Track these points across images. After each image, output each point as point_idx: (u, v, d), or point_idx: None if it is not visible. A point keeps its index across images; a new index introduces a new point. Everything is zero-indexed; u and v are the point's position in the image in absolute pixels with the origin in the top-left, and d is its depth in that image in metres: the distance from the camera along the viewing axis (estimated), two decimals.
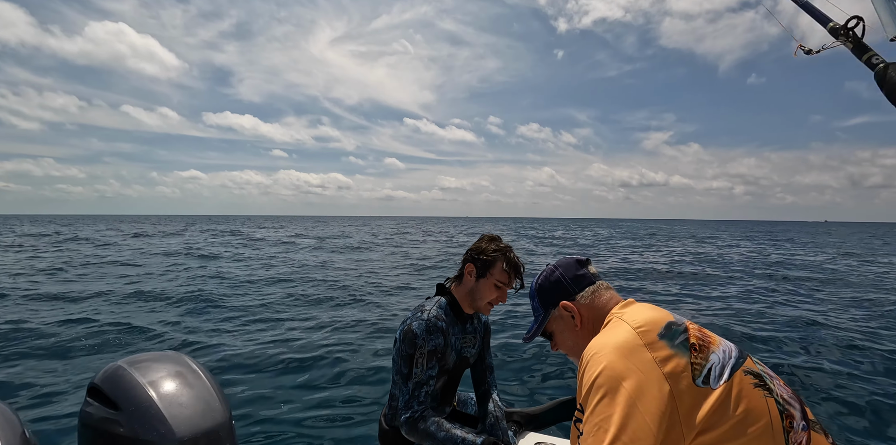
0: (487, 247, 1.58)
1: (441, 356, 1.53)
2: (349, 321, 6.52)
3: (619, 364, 0.82)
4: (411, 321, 1.52)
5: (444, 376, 1.62)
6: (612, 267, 13.87)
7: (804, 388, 4.03)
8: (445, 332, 1.53)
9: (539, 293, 1.14)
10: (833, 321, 6.49)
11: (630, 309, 0.99)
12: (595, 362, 0.85)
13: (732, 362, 0.86)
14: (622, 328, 0.90)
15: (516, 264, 1.58)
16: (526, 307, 6.86)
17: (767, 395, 0.84)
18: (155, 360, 1.10)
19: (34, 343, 5.25)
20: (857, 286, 10.45)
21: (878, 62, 0.92)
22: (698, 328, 0.93)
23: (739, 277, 11.82)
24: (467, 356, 1.70)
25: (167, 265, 13.22)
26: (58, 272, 11.43)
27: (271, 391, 4.02)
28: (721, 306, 7.66)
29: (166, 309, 7.32)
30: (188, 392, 1.04)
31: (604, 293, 1.08)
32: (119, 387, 1.00)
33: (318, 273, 11.99)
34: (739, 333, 5.77)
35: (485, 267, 1.57)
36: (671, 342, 0.86)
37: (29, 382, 4.14)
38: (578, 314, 1.06)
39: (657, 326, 0.89)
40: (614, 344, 0.86)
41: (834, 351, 5.04)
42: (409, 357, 1.48)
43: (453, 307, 1.62)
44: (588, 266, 1.13)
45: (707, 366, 0.84)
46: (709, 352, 0.86)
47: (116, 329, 5.87)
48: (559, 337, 1.13)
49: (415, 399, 1.46)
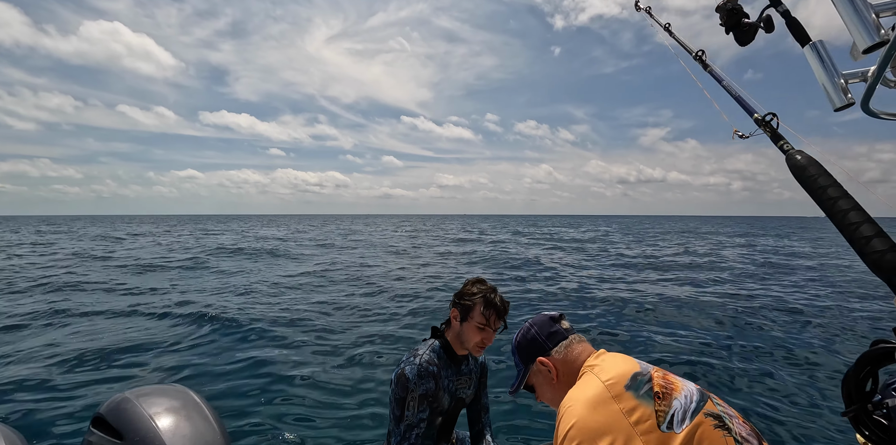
0: (469, 290, 1.64)
1: (433, 400, 1.55)
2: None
3: (589, 418, 0.90)
4: (405, 366, 1.56)
5: (439, 416, 1.63)
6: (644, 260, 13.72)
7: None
8: (437, 376, 1.57)
9: (518, 349, 1.24)
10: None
11: (601, 362, 1.08)
12: (568, 415, 0.93)
13: (694, 406, 0.94)
14: (592, 383, 0.99)
15: (495, 305, 1.60)
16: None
17: (727, 435, 0.91)
18: (160, 393, 1.12)
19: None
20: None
21: (788, 148, 1.07)
22: (663, 375, 1.02)
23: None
24: (463, 397, 1.71)
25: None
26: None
27: (269, 421, 3.88)
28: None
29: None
30: (190, 425, 1.06)
31: (576, 346, 1.17)
32: (124, 418, 1.02)
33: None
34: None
35: (466, 311, 1.62)
36: (636, 392, 0.94)
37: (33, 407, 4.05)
38: (554, 368, 1.15)
39: (624, 378, 0.98)
40: (585, 399, 0.94)
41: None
42: (401, 400, 1.51)
43: (447, 349, 1.65)
44: (561, 322, 1.23)
45: (670, 412, 0.91)
46: (671, 399, 0.94)
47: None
48: (540, 390, 1.21)
49: (406, 440, 1.48)
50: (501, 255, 16.80)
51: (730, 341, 6.04)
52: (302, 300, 8.96)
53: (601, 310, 7.89)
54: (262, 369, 5.07)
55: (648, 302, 8.52)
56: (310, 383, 4.73)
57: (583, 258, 16.57)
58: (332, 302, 8.68)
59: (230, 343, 6.05)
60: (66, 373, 4.99)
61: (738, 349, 5.70)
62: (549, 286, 10.38)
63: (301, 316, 7.43)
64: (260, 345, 5.98)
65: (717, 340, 6.10)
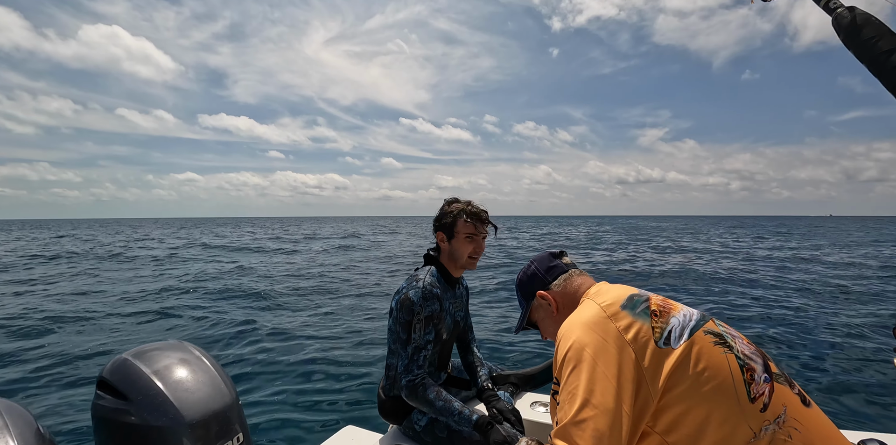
0: (446, 209, 1.66)
1: (438, 321, 1.57)
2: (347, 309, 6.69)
3: (586, 337, 0.90)
4: (407, 290, 1.56)
5: (442, 341, 1.67)
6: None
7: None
8: (440, 298, 1.58)
9: (519, 286, 1.25)
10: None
11: (599, 290, 1.08)
12: (566, 338, 0.94)
13: (693, 324, 0.93)
14: (589, 306, 0.99)
15: (476, 212, 1.63)
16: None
17: (727, 352, 0.90)
18: (159, 349, 1.13)
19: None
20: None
21: (836, 6, 0.88)
22: (662, 299, 1.01)
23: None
24: (458, 320, 1.76)
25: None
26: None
27: (272, 370, 4.21)
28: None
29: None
30: (193, 377, 1.08)
31: (576, 278, 1.16)
32: (126, 378, 1.04)
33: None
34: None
35: (450, 228, 1.63)
36: (633, 311, 0.94)
37: (40, 378, 4.30)
38: (554, 300, 1.15)
39: (620, 299, 0.98)
40: (582, 321, 0.95)
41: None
42: (407, 324, 1.53)
43: (443, 273, 1.67)
44: (562, 258, 1.22)
45: (667, 329, 0.91)
46: (669, 316, 0.94)
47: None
48: (542, 325, 1.22)
49: (414, 363, 1.51)
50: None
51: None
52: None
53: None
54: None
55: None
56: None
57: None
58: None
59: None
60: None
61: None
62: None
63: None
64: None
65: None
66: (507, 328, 5.49)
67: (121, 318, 6.51)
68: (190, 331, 5.90)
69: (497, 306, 6.79)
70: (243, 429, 1.10)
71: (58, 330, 5.82)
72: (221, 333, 5.67)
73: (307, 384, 3.92)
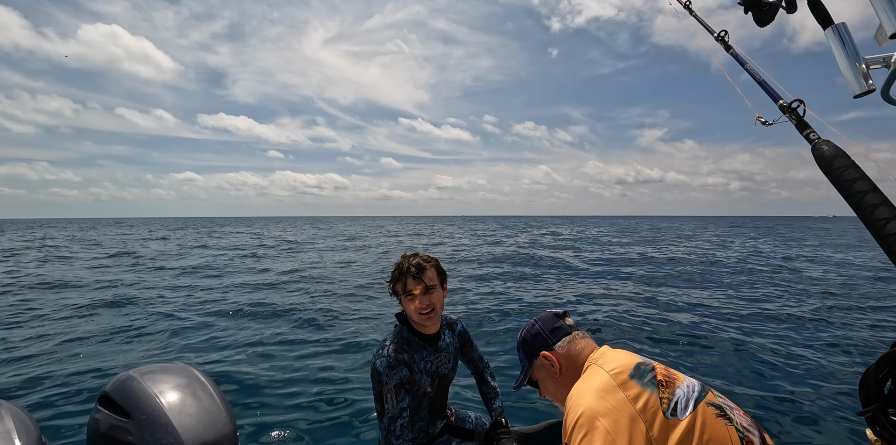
0: (393, 271, 1.65)
1: (410, 385, 1.57)
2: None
3: (597, 406, 0.92)
4: (374, 360, 1.58)
5: (427, 397, 1.65)
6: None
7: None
8: (408, 362, 1.57)
9: (522, 345, 1.27)
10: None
11: (605, 356, 1.10)
12: (576, 405, 0.95)
13: (696, 395, 0.97)
14: (598, 374, 1.02)
15: (404, 270, 1.59)
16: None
17: (728, 424, 0.93)
18: (165, 371, 1.14)
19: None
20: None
21: (814, 138, 1.03)
22: (664, 367, 1.05)
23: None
24: (445, 373, 1.73)
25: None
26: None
27: (275, 403, 3.99)
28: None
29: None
30: (197, 403, 1.08)
31: (579, 341, 1.19)
32: (129, 396, 1.04)
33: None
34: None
35: (395, 290, 1.64)
36: (641, 380, 0.97)
37: (41, 387, 4.22)
38: (557, 362, 1.17)
39: (628, 367, 1.01)
40: (591, 389, 0.97)
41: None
42: (379, 395, 1.53)
43: (415, 332, 1.66)
44: (565, 318, 1.25)
45: (674, 400, 0.94)
46: (674, 387, 0.97)
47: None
48: (543, 385, 1.24)
49: (392, 433, 1.48)
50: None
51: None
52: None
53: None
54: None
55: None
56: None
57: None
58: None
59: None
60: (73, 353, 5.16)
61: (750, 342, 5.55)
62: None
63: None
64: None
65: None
66: (503, 374, 5.33)
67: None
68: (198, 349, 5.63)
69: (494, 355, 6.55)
70: None
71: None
72: (226, 355, 5.41)
73: (305, 423, 3.70)
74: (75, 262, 15.86)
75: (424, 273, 1.59)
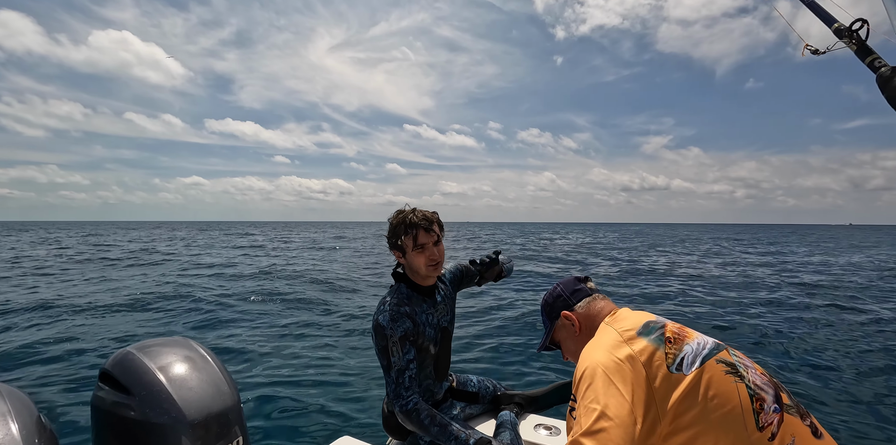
0: (392, 226, 1.62)
1: (415, 338, 1.56)
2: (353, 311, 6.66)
3: (602, 358, 0.97)
4: (377, 315, 1.56)
5: (431, 354, 1.65)
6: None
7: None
8: (411, 314, 1.57)
9: (545, 307, 1.32)
10: None
11: (618, 315, 1.14)
12: (584, 360, 1.01)
13: (706, 352, 0.98)
14: (608, 332, 1.07)
15: (414, 224, 1.57)
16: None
17: (738, 381, 0.94)
18: (164, 345, 1.12)
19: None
20: None
21: (881, 66, 0.92)
22: (679, 326, 1.06)
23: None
24: (445, 326, 1.72)
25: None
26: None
27: (278, 373, 4.18)
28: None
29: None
30: (197, 375, 1.06)
31: (598, 302, 1.23)
32: (129, 372, 1.03)
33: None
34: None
35: (399, 245, 1.60)
36: (648, 336, 1.01)
37: (41, 367, 4.40)
38: (577, 321, 1.22)
39: (637, 325, 1.04)
40: (600, 345, 1.02)
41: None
42: (384, 349, 1.51)
43: (413, 287, 1.65)
44: (586, 282, 1.30)
45: (680, 355, 0.97)
46: (683, 344, 0.99)
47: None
48: (564, 345, 1.29)
49: (401, 386, 1.48)
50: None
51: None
52: None
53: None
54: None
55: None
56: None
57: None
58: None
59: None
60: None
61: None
62: None
63: None
64: None
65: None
66: (516, 347, 5.41)
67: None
68: (197, 326, 5.92)
69: (508, 326, 6.68)
70: (243, 432, 1.07)
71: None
72: (228, 332, 5.68)
73: (309, 391, 3.89)
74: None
75: (433, 225, 1.60)
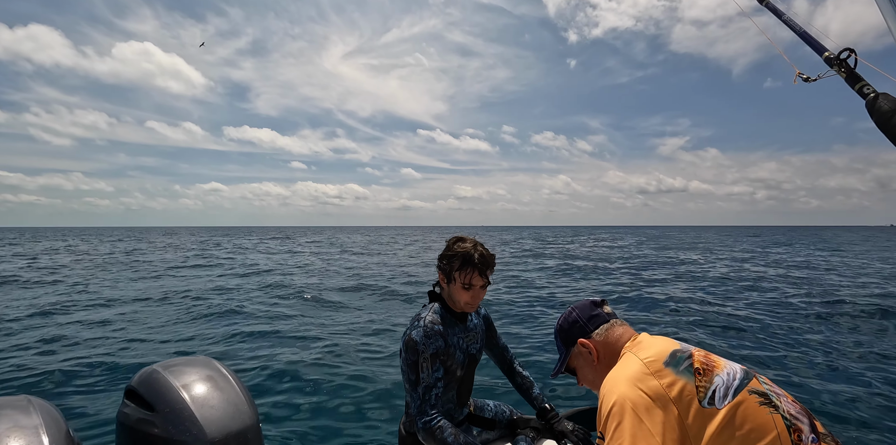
0: (448, 252, 1.61)
1: (445, 358, 1.57)
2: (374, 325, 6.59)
3: (630, 393, 0.90)
4: (410, 331, 1.56)
5: (457, 377, 1.65)
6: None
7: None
8: (444, 334, 1.57)
9: (559, 332, 1.25)
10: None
11: (641, 343, 1.08)
12: (610, 393, 0.94)
13: (737, 383, 0.92)
14: (632, 361, 1.00)
15: (474, 263, 1.55)
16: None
17: (773, 411, 0.89)
18: (187, 364, 1.15)
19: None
20: None
21: (869, 92, 0.95)
22: (704, 354, 1.00)
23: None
24: (474, 353, 1.72)
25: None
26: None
27: (297, 397, 4.11)
28: None
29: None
30: (219, 395, 1.09)
31: (617, 329, 1.17)
32: (154, 390, 1.06)
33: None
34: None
35: (448, 273, 1.60)
36: (676, 368, 0.94)
37: (71, 382, 4.41)
38: (594, 349, 1.16)
39: (663, 355, 0.98)
40: (625, 376, 0.95)
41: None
42: (414, 364, 1.52)
43: (448, 309, 1.66)
44: (603, 307, 1.23)
45: (711, 388, 0.90)
46: (713, 375, 0.93)
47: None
48: (581, 372, 1.23)
49: (426, 403, 1.49)
50: None
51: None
52: None
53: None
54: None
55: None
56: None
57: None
58: None
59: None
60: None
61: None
62: None
63: None
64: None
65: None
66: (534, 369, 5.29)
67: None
68: (218, 343, 5.86)
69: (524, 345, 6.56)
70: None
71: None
72: (247, 347, 5.61)
73: (326, 411, 3.83)
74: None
75: (490, 269, 1.59)
